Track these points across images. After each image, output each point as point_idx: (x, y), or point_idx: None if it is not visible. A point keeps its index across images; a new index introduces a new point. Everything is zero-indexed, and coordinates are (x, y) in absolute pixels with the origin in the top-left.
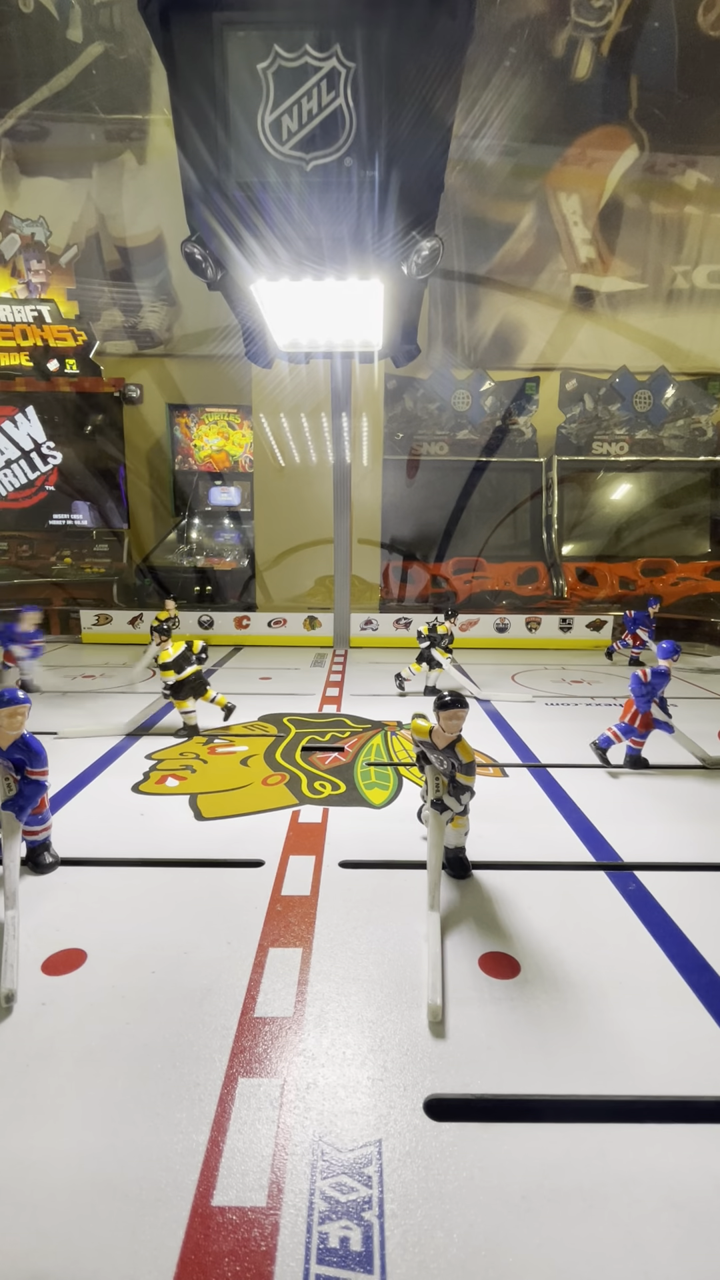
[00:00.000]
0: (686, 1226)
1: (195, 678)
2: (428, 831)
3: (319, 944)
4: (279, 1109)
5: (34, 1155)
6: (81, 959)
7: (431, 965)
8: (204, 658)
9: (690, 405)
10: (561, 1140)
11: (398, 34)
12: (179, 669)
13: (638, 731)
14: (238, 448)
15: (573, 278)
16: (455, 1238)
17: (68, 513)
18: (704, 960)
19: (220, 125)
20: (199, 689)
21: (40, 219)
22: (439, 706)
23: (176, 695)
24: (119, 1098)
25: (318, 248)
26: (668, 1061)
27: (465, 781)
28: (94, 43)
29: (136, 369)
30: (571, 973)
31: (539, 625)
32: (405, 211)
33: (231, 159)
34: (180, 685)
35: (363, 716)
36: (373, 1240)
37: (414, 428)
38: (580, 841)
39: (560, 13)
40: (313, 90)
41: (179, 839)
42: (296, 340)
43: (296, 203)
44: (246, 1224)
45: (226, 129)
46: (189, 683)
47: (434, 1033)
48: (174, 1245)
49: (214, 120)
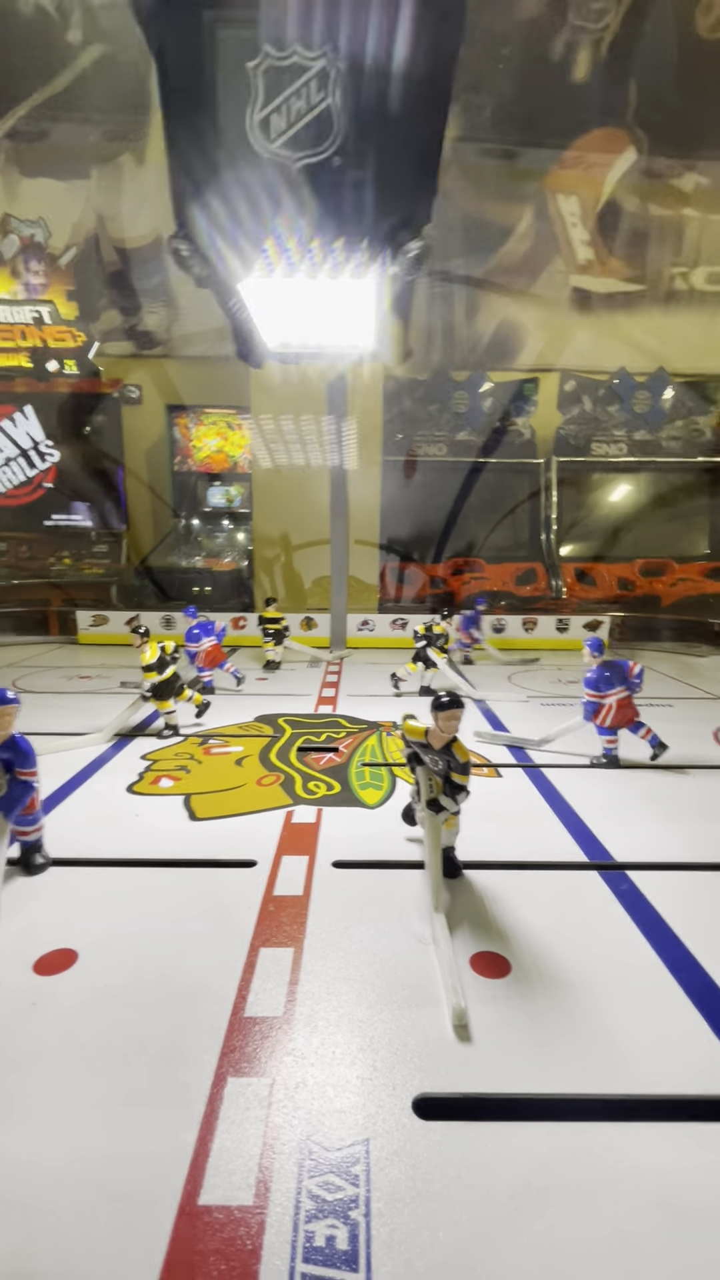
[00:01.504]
0: (674, 1224)
1: (173, 678)
2: (424, 833)
3: (310, 944)
4: (268, 1108)
5: (23, 1154)
6: (73, 959)
7: (447, 968)
8: (176, 658)
9: (689, 406)
10: (549, 1139)
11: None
12: (160, 670)
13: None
14: (236, 448)
15: (571, 279)
16: (441, 1236)
17: (66, 513)
18: (695, 960)
19: (209, 123)
20: (178, 689)
21: (40, 220)
22: (436, 707)
23: (158, 697)
24: (108, 1097)
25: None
26: (657, 1060)
27: (461, 781)
28: (93, 44)
29: (135, 370)
30: (562, 972)
31: (535, 625)
32: (393, 212)
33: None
34: (161, 686)
35: (358, 717)
36: (359, 1239)
37: (413, 429)
38: (573, 841)
39: (558, 14)
40: (302, 89)
41: (173, 839)
42: (286, 340)
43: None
44: (233, 1223)
45: (215, 126)
46: (169, 683)
47: (459, 1036)
48: (161, 1244)
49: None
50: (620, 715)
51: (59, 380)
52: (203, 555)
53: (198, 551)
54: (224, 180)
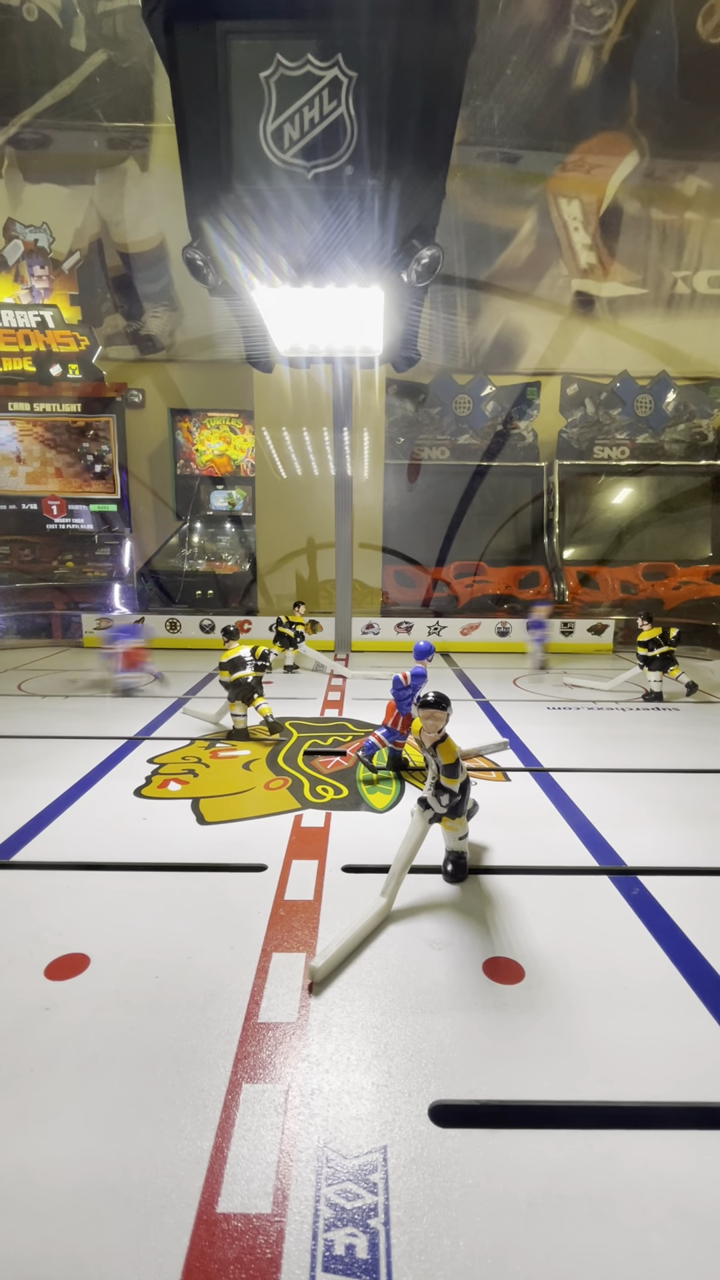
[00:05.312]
0: (694, 1233)
1: (245, 682)
2: None
3: (322, 949)
4: (283, 1115)
5: (38, 1161)
6: (84, 964)
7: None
8: (264, 665)
9: (691, 409)
10: (568, 1146)
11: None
12: (231, 669)
13: (400, 734)
14: (239, 452)
15: (573, 283)
16: (461, 1245)
17: (69, 517)
18: (709, 965)
19: (222, 133)
20: (248, 694)
21: (44, 225)
22: (419, 705)
23: (230, 696)
24: (122, 1103)
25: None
26: (674, 1067)
27: (446, 784)
28: (97, 51)
29: (139, 374)
30: (576, 978)
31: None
32: (406, 220)
33: (233, 166)
34: (233, 686)
35: (365, 721)
36: (378, 1248)
37: (415, 432)
38: (583, 846)
39: (561, 21)
40: (315, 99)
41: (181, 843)
42: (297, 345)
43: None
44: (251, 1231)
45: (229, 136)
46: (240, 685)
47: (315, 992)
48: (179, 1252)
49: (216, 127)
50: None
51: (62, 384)
52: (206, 559)
53: (201, 555)
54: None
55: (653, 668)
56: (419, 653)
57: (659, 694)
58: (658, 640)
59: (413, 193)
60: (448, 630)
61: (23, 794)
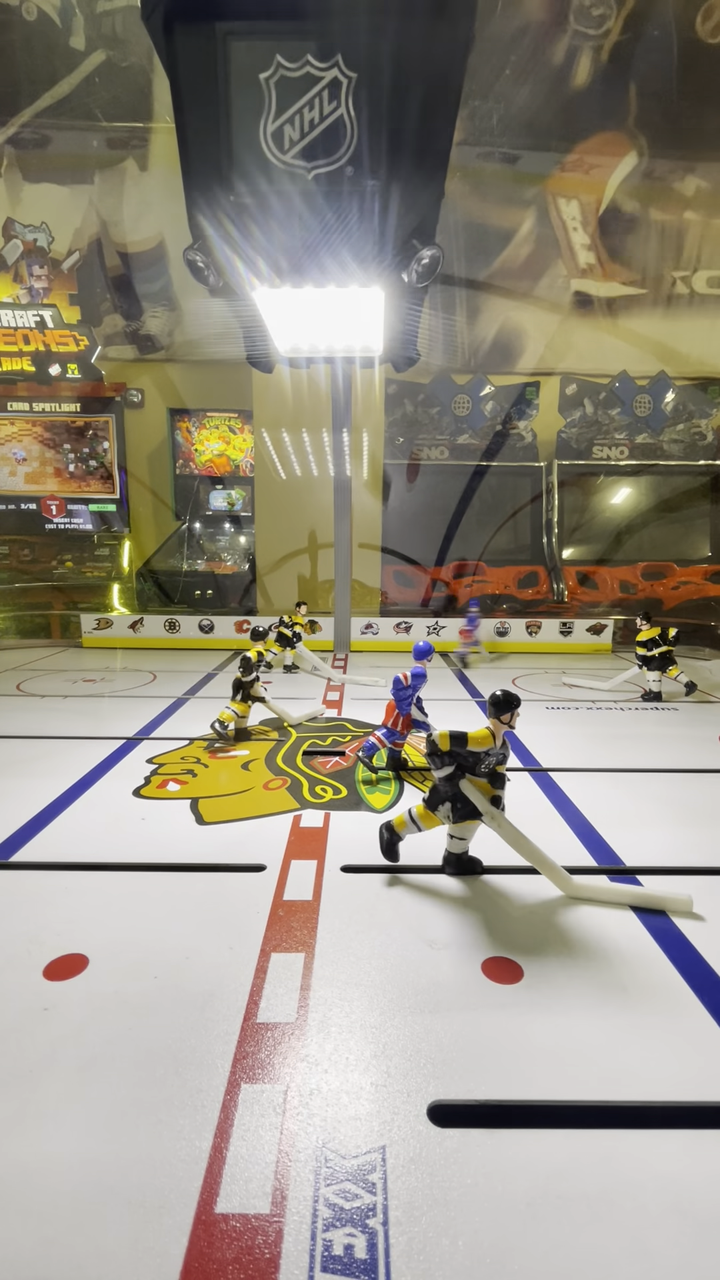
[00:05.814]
0: (692, 1233)
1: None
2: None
3: (321, 949)
4: (282, 1115)
5: (37, 1162)
6: (83, 964)
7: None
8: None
9: (690, 409)
10: (566, 1146)
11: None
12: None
13: (399, 734)
14: (238, 452)
15: (572, 283)
16: (460, 1245)
17: (69, 516)
18: (708, 965)
19: (222, 134)
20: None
21: (43, 225)
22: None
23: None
24: (121, 1104)
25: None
26: (672, 1067)
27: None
28: (96, 50)
29: (138, 373)
30: (575, 977)
31: (539, 629)
32: (406, 220)
33: (233, 167)
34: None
35: (364, 720)
36: (377, 1248)
37: (414, 432)
38: (582, 845)
39: (560, 21)
40: (314, 100)
41: (180, 843)
42: (297, 345)
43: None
44: (250, 1231)
45: (228, 137)
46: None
47: None
48: (178, 1252)
49: (216, 129)
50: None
51: (61, 384)
52: (205, 558)
53: (200, 555)
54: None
55: (651, 667)
56: (419, 653)
57: (658, 694)
58: (656, 640)
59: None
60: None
61: (22, 794)
